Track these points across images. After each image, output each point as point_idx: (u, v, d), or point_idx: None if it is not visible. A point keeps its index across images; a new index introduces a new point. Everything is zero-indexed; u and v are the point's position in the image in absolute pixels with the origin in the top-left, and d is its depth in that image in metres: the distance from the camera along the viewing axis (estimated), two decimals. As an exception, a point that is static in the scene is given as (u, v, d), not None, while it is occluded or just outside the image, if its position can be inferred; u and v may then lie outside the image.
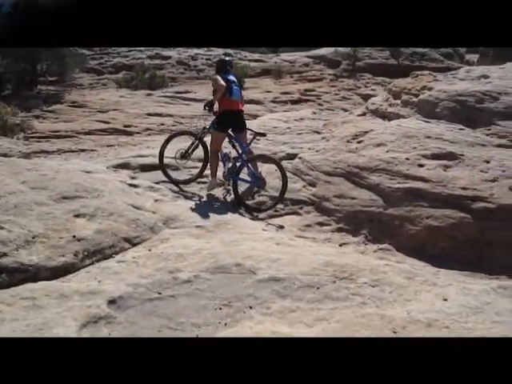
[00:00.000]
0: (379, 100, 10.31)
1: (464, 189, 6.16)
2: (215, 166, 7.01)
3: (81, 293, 3.88)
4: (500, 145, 7.25)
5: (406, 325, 3.67)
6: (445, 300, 4.12)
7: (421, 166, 6.75)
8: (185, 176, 7.39)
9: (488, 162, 6.65)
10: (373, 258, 5.43)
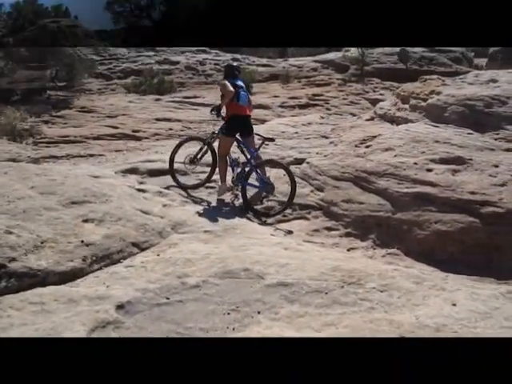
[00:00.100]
0: (387, 104, 10.30)
1: (473, 193, 6.14)
2: (224, 171, 7.02)
3: (89, 298, 3.89)
4: (509, 149, 7.22)
5: (415, 330, 3.65)
6: (453, 305, 4.10)
7: (429, 171, 6.73)
8: (193, 181, 7.41)
9: (497, 167, 6.63)
10: (381, 263, 5.41)
